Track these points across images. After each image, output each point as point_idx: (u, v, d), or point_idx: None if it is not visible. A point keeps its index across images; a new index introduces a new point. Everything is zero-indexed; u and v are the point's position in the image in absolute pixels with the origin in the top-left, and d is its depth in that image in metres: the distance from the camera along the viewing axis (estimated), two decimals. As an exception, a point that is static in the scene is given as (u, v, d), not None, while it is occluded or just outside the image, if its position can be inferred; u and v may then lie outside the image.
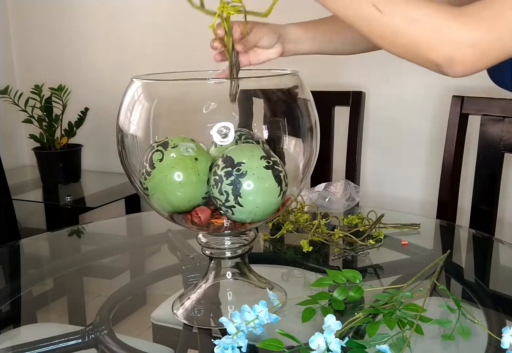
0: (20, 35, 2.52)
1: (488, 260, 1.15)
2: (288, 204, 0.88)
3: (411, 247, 1.17)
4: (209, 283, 0.89)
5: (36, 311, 1.01)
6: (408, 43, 0.71)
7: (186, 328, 0.85)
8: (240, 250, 0.87)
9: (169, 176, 0.79)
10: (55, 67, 2.47)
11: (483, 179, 1.40)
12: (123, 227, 1.47)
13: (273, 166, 0.78)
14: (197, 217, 0.81)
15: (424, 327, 0.73)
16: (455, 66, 0.71)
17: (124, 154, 0.85)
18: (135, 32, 2.28)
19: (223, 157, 0.79)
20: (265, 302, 0.74)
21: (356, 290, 0.84)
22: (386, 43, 0.74)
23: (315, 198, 1.33)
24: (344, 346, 0.65)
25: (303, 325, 0.79)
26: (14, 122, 2.43)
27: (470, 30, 0.69)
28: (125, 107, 0.84)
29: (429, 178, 1.93)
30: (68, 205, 2.06)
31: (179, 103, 0.83)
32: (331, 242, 1.14)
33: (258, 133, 0.85)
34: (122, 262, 1.24)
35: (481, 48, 0.69)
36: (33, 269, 1.19)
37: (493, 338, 0.75)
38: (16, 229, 1.61)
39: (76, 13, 2.39)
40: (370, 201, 1.93)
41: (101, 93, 2.38)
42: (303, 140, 0.85)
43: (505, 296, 0.97)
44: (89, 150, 2.42)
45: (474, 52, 0.69)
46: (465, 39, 0.69)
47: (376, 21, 0.71)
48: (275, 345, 0.66)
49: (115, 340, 0.82)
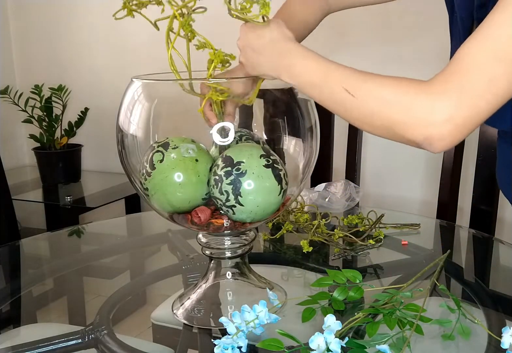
0: (20, 35, 2.52)
1: (488, 260, 1.15)
2: (288, 203, 0.88)
3: (411, 247, 1.17)
4: (209, 283, 0.89)
5: (36, 311, 1.01)
6: (385, 124, 0.70)
7: (186, 328, 0.85)
8: (240, 250, 0.87)
9: (170, 177, 0.79)
10: (55, 67, 2.47)
11: (483, 179, 1.40)
12: (123, 227, 1.47)
13: (273, 165, 0.78)
14: (197, 217, 0.81)
15: (424, 327, 0.73)
16: (435, 143, 0.68)
17: (124, 154, 0.85)
18: (135, 32, 2.28)
19: (222, 157, 0.79)
20: (265, 302, 0.74)
21: (356, 290, 0.84)
22: (363, 125, 0.74)
23: (315, 198, 1.33)
24: (344, 346, 0.65)
25: (303, 325, 0.79)
26: (14, 122, 2.43)
27: (442, 105, 0.66)
28: (125, 107, 0.84)
29: (429, 178, 1.93)
30: (68, 205, 2.06)
31: (179, 103, 0.83)
32: (331, 242, 1.14)
33: (258, 133, 0.85)
34: (122, 262, 1.24)
35: (457, 121, 0.66)
36: (33, 269, 1.19)
37: (493, 338, 0.75)
38: (16, 229, 1.61)
39: (76, 13, 2.39)
40: (370, 201, 1.93)
41: (101, 93, 2.38)
42: (303, 140, 0.86)
43: (505, 296, 0.97)
44: (89, 150, 2.41)
45: (451, 127, 0.66)
46: (439, 115, 0.66)
47: (350, 105, 0.72)
48: (275, 345, 0.66)
49: (115, 340, 0.82)
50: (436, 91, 0.67)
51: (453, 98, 0.66)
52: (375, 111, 0.70)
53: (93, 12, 2.36)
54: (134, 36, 2.30)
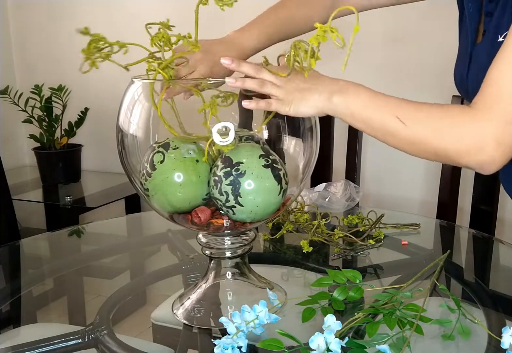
0: (20, 35, 2.52)
1: (488, 260, 1.15)
2: (288, 203, 0.88)
3: (411, 247, 1.17)
4: (209, 283, 0.89)
5: (36, 311, 1.01)
6: (437, 151, 0.74)
7: (186, 328, 0.85)
8: (240, 250, 0.87)
9: (170, 178, 0.79)
10: (55, 67, 2.47)
11: (483, 179, 1.40)
12: (123, 227, 1.47)
13: (272, 165, 0.78)
14: (197, 217, 0.81)
15: (424, 327, 0.73)
16: (486, 168, 0.74)
17: (124, 154, 0.85)
18: (135, 32, 2.28)
19: (222, 158, 0.79)
20: (265, 302, 0.74)
21: (356, 290, 0.84)
22: (414, 151, 0.76)
23: (315, 198, 1.33)
24: (344, 346, 0.65)
25: (303, 325, 0.79)
26: (14, 122, 2.42)
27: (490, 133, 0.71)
28: (125, 107, 0.84)
29: (429, 178, 1.93)
30: (68, 205, 2.06)
31: (179, 103, 0.83)
32: (331, 242, 1.14)
33: (258, 133, 0.85)
34: (122, 262, 1.24)
35: (505, 146, 0.71)
36: (33, 269, 1.19)
37: (493, 338, 0.75)
38: (16, 229, 1.61)
39: (76, 13, 2.39)
40: (370, 201, 1.93)
41: (101, 93, 2.38)
42: (303, 140, 0.85)
43: (505, 296, 0.97)
44: (89, 150, 2.41)
45: (500, 152, 0.71)
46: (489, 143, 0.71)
47: (401, 133, 0.74)
48: (275, 345, 0.66)
49: (115, 340, 0.82)
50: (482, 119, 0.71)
51: (499, 126, 0.71)
52: (427, 140, 0.73)
53: (93, 13, 2.36)
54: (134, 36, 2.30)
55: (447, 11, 1.17)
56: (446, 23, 1.34)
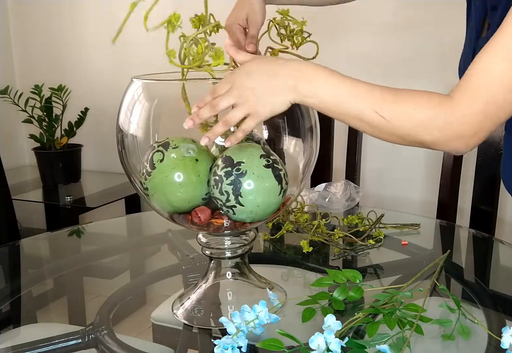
0: (20, 35, 2.52)
1: (488, 260, 1.15)
2: (288, 203, 0.88)
3: (411, 247, 1.17)
4: (209, 283, 0.89)
5: (36, 311, 1.01)
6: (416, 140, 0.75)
7: (186, 328, 0.85)
8: (240, 250, 0.87)
9: (170, 177, 0.79)
10: (55, 67, 2.47)
11: (483, 179, 1.40)
12: (123, 227, 1.47)
13: (273, 165, 0.78)
14: (197, 217, 0.81)
15: (424, 327, 0.73)
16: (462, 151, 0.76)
17: (124, 154, 0.85)
18: (135, 32, 2.28)
19: (222, 158, 0.79)
20: (265, 302, 0.74)
21: (356, 290, 0.84)
22: (393, 140, 0.77)
23: (315, 198, 1.33)
24: (344, 346, 0.65)
25: (303, 325, 0.79)
26: (14, 122, 2.42)
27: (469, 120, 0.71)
28: (125, 107, 0.84)
29: (429, 178, 1.93)
30: (68, 205, 2.06)
31: (179, 103, 0.83)
32: (331, 242, 1.14)
33: (258, 133, 0.85)
34: (122, 262, 1.24)
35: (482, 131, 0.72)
36: (33, 269, 1.19)
37: (493, 338, 0.75)
38: (16, 229, 1.61)
39: (76, 13, 2.39)
40: (370, 201, 1.93)
41: (101, 93, 2.38)
42: (303, 140, 0.86)
43: (505, 296, 0.97)
44: (89, 150, 2.41)
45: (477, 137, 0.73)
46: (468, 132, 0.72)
47: (382, 127, 0.74)
48: (275, 345, 0.66)
49: (115, 340, 0.82)
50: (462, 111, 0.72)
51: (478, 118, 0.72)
52: (409, 133, 0.74)
53: (94, 13, 2.36)
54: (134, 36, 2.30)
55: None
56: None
